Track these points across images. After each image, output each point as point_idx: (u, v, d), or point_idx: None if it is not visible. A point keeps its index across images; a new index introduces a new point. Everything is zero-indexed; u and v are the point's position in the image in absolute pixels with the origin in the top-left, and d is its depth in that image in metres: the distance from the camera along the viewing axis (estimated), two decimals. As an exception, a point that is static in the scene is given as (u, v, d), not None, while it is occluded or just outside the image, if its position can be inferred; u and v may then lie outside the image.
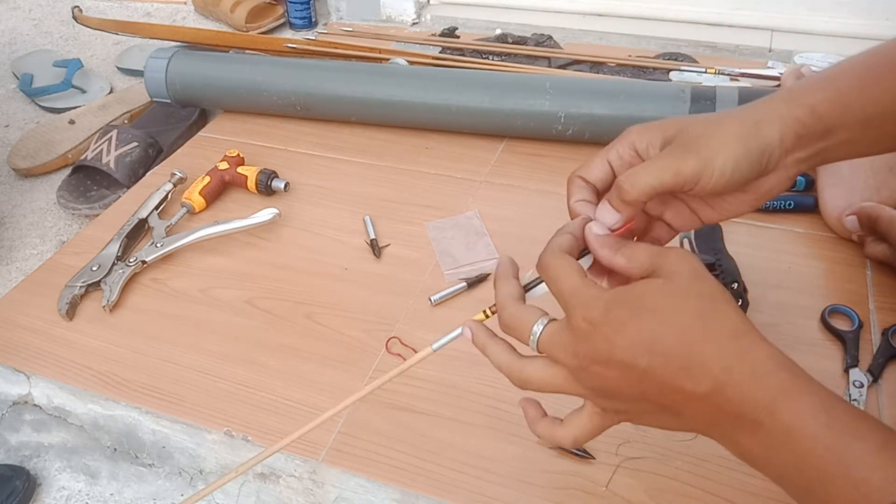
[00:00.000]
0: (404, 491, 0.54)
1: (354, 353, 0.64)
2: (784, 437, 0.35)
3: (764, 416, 0.35)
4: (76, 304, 0.71)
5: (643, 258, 0.39)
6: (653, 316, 0.37)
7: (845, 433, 0.33)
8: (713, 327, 0.36)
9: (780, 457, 0.35)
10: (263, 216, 0.77)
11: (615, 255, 0.41)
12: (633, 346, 0.37)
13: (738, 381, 0.35)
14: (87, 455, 0.66)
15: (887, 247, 0.68)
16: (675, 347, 0.36)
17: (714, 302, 0.37)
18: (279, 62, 0.97)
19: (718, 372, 0.35)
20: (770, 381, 0.35)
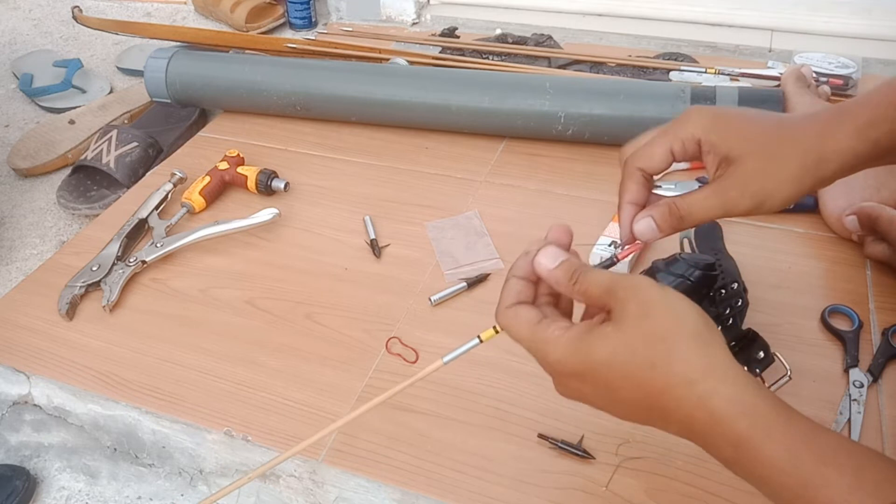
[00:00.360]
0: (404, 491, 0.54)
1: (354, 353, 0.64)
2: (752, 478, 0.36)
3: (732, 463, 0.36)
4: (76, 304, 0.71)
5: (596, 294, 0.38)
6: (604, 368, 0.37)
7: (813, 479, 0.33)
8: (667, 376, 0.35)
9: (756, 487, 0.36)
10: (263, 216, 0.77)
11: (572, 289, 0.40)
12: (596, 392, 0.38)
13: (702, 430, 0.35)
14: (87, 455, 0.66)
15: (887, 246, 0.68)
16: (635, 397, 0.36)
17: (666, 344, 0.35)
18: (279, 62, 0.97)
19: (681, 419, 0.36)
20: (731, 430, 0.34)
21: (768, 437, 0.34)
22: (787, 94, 0.84)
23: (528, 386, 0.60)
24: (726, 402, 0.34)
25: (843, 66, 1.01)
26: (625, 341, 0.36)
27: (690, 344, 0.36)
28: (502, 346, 0.63)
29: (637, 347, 0.36)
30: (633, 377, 0.36)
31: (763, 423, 0.34)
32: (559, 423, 0.57)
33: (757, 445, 0.34)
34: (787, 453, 0.34)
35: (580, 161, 0.87)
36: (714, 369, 0.35)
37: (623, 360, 0.36)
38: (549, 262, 0.40)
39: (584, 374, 0.38)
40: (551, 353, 0.38)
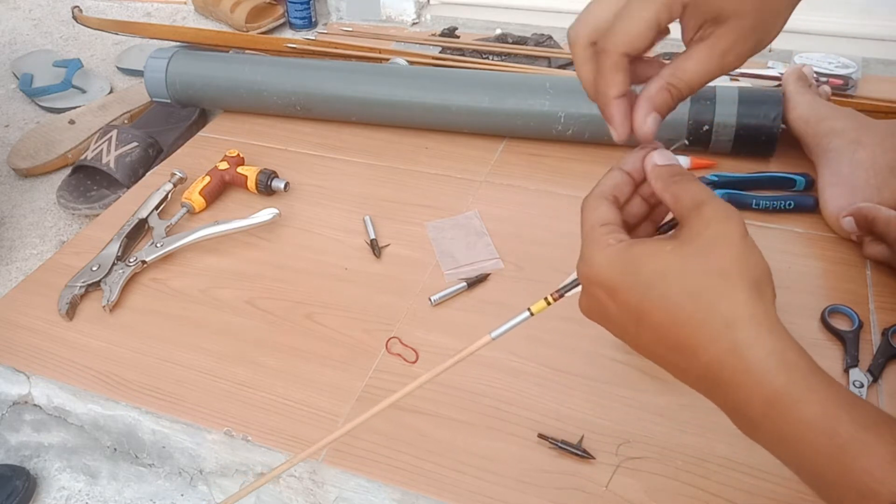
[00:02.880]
0: (404, 491, 0.54)
1: (354, 353, 0.64)
2: (781, 442, 0.33)
3: (759, 419, 0.33)
4: (76, 304, 0.71)
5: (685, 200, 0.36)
6: (641, 288, 0.34)
7: (852, 445, 0.31)
8: (709, 312, 0.33)
9: (781, 455, 0.34)
10: (263, 216, 0.77)
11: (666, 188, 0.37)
12: (623, 313, 0.35)
13: (730, 380, 0.33)
14: (86, 455, 0.66)
15: (886, 247, 0.68)
16: (664, 325, 0.34)
17: (722, 281, 0.33)
18: (279, 62, 0.97)
19: (709, 362, 0.33)
20: (767, 383, 0.32)
21: (807, 395, 0.32)
22: (788, 93, 0.84)
23: (528, 386, 0.60)
24: (766, 353, 0.32)
25: (844, 66, 1.01)
26: (680, 262, 0.34)
27: (746, 289, 0.33)
28: (502, 346, 0.63)
29: (690, 271, 0.33)
30: (673, 302, 0.33)
31: (803, 382, 0.32)
32: (559, 423, 0.57)
33: (793, 403, 0.32)
34: (825, 415, 0.31)
35: (580, 161, 0.87)
36: (759, 320, 0.33)
37: (670, 280, 0.33)
38: (661, 159, 0.38)
39: (617, 288, 0.35)
40: (595, 256, 0.36)
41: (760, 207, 0.77)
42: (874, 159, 0.74)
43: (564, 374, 0.61)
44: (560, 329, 0.65)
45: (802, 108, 0.82)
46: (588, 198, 0.39)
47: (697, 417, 0.57)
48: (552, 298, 0.41)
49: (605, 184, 0.39)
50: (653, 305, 0.34)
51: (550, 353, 0.63)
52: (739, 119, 0.82)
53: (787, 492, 0.52)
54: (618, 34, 0.37)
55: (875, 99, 0.92)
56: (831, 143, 0.78)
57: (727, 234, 0.34)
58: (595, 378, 0.60)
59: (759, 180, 0.80)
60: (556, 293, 0.41)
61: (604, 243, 0.36)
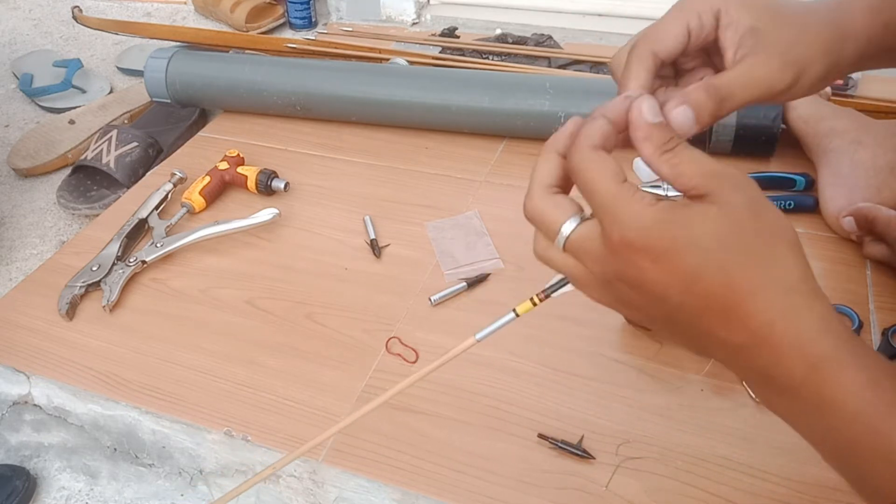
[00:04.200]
0: (404, 491, 0.54)
1: (354, 353, 0.64)
2: (819, 407, 0.32)
3: (798, 384, 0.32)
4: (76, 304, 0.71)
5: (694, 175, 0.33)
6: (698, 252, 0.32)
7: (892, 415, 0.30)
8: (766, 275, 0.32)
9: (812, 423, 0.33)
10: (263, 216, 0.77)
11: (659, 157, 0.33)
12: (669, 280, 0.32)
13: (778, 343, 0.32)
14: (86, 455, 0.66)
15: (885, 247, 0.68)
16: (718, 291, 0.32)
17: (772, 244, 0.32)
18: (279, 62, 0.97)
19: (758, 327, 0.32)
20: (814, 347, 0.31)
21: (853, 360, 0.31)
22: (788, 93, 0.84)
23: (528, 386, 0.60)
24: (818, 317, 0.32)
25: (843, 66, 1.01)
26: (732, 227, 0.32)
27: (795, 253, 0.32)
28: (502, 346, 0.63)
29: (744, 238, 0.32)
30: (730, 267, 0.31)
31: (849, 347, 0.32)
32: (559, 423, 0.57)
33: (838, 367, 0.31)
34: (869, 380, 0.31)
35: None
36: (810, 284, 0.32)
37: (725, 247, 0.31)
38: (651, 115, 0.34)
39: (664, 252, 0.32)
40: (634, 218, 0.32)
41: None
42: (874, 159, 0.74)
43: (564, 374, 0.61)
44: (560, 329, 0.65)
45: (802, 108, 0.82)
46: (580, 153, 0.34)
47: (697, 417, 0.57)
48: (538, 299, 0.39)
49: (593, 133, 0.34)
50: (710, 269, 0.32)
51: (550, 353, 0.63)
52: (739, 119, 0.82)
53: (787, 492, 0.52)
54: (648, 34, 0.39)
55: (875, 99, 0.92)
56: (831, 143, 0.78)
57: (758, 199, 0.33)
58: (595, 378, 0.60)
59: (760, 180, 0.80)
60: (543, 293, 0.39)
61: (641, 201, 0.32)
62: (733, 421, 0.56)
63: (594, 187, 0.33)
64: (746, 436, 0.55)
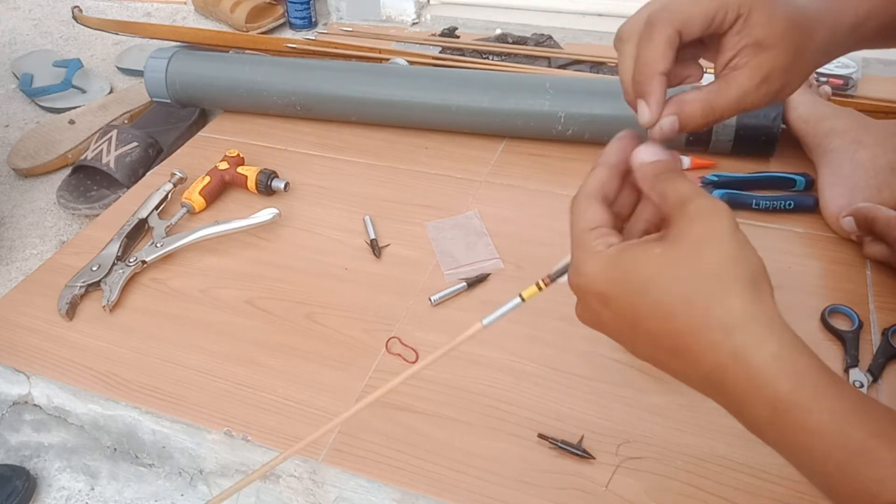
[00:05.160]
0: (404, 491, 0.54)
1: (354, 352, 0.64)
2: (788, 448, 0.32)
3: (765, 425, 0.32)
4: (76, 304, 0.71)
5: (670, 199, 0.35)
6: (635, 292, 0.33)
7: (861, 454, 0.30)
8: (704, 315, 0.32)
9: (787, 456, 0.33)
10: (263, 216, 0.77)
11: (652, 188, 0.36)
12: (618, 321, 0.34)
13: (734, 384, 0.32)
14: (87, 455, 0.66)
15: (885, 247, 0.68)
16: (661, 332, 0.33)
17: (715, 282, 0.32)
18: (279, 62, 0.97)
19: (710, 369, 0.32)
20: (771, 390, 0.31)
21: (815, 402, 0.30)
22: (788, 93, 0.84)
23: (528, 386, 0.60)
24: (770, 357, 0.31)
25: (843, 66, 1.01)
26: (670, 266, 0.32)
27: (741, 289, 0.32)
28: (502, 346, 0.63)
29: (681, 276, 0.32)
30: (666, 309, 0.32)
31: (810, 387, 0.31)
32: (559, 423, 0.57)
33: (801, 410, 0.31)
34: (835, 422, 0.30)
35: (580, 161, 0.87)
36: (759, 321, 0.32)
37: (661, 286, 0.32)
38: (647, 156, 0.37)
39: (609, 296, 0.34)
40: (585, 264, 0.35)
41: (760, 207, 0.77)
42: (874, 159, 0.74)
43: (564, 374, 0.61)
44: (560, 329, 0.65)
45: (802, 109, 0.82)
46: (577, 199, 0.38)
47: (697, 417, 0.57)
48: (543, 284, 0.40)
49: (591, 183, 0.38)
50: (647, 313, 0.33)
51: (550, 353, 0.63)
52: (739, 119, 0.82)
53: (787, 492, 0.52)
54: (675, 9, 0.37)
55: (875, 99, 0.92)
56: (831, 143, 0.78)
57: (715, 231, 0.33)
58: (595, 378, 0.60)
59: (759, 180, 0.80)
60: (548, 278, 0.40)
61: (592, 250, 0.35)
62: (733, 421, 0.56)
63: (572, 231, 0.37)
64: (746, 435, 0.55)
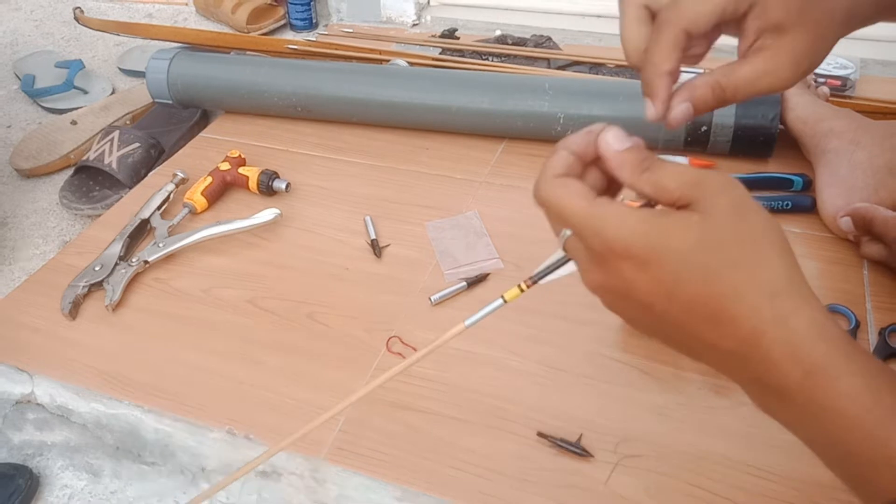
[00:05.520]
0: (405, 489, 0.54)
1: (355, 352, 0.65)
2: (816, 415, 0.31)
3: (795, 390, 0.31)
4: (79, 303, 0.71)
5: (673, 187, 0.33)
6: (678, 258, 0.32)
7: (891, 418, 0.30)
8: (750, 280, 0.31)
9: (810, 429, 0.32)
10: (265, 216, 0.77)
11: (639, 178, 0.34)
12: (652, 288, 0.32)
13: (769, 348, 0.31)
14: (89, 453, 0.66)
15: (883, 247, 0.69)
16: (701, 297, 0.32)
17: (756, 247, 0.32)
18: (280, 63, 0.97)
19: (747, 334, 0.31)
20: (807, 354, 0.31)
21: (848, 366, 0.31)
22: (786, 94, 0.85)
23: (527, 385, 0.61)
24: (808, 322, 0.31)
25: (842, 66, 1.01)
26: (714, 233, 0.31)
27: (781, 255, 0.32)
28: (503, 346, 0.64)
29: (726, 242, 0.31)
30: (713, 272, 0.31)
31: (844, 352, 0.31)
32: (558, 421, 0.57)
33: (835, 374, 0.30)
34: (866, 386, 0.30)
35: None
36: (799, 287, 0.32)
37: (704, 251, 0.31)
38: (618, 143, 0.34)
39: (648, 260, 0.32)
40: (614, 228, 0.32)
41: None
42: (872, 160, 0.74)
43: (564, 373, 0.61)
44: (560, 328, 0.65)
45: (801, 109, 0.83)
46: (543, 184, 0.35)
47: (696, 416, 0.57)
48: (525, 286, 0.39)
49: (555, 166, 0.35)
50: (690, 277, 0.32)
51: (550, 353, 0.63)
52: (738, 120, 0.82)
53: (787, 490, 0.52)
54: (684, 8, 0.37)
55: (873, 100, 0.93)
56: (829, 143, 0.78)
57: (742, 201, 0.32)
58: (594, 377, 0.61)
59: (757, 181, 0.80)
60: (530, 280, 0.39)
61: (620, 211, 0.33)
62: (732, 419, 0.57)
63: (567, 210, 0.34)
64: (745, 434, 0.56)
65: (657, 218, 0.32)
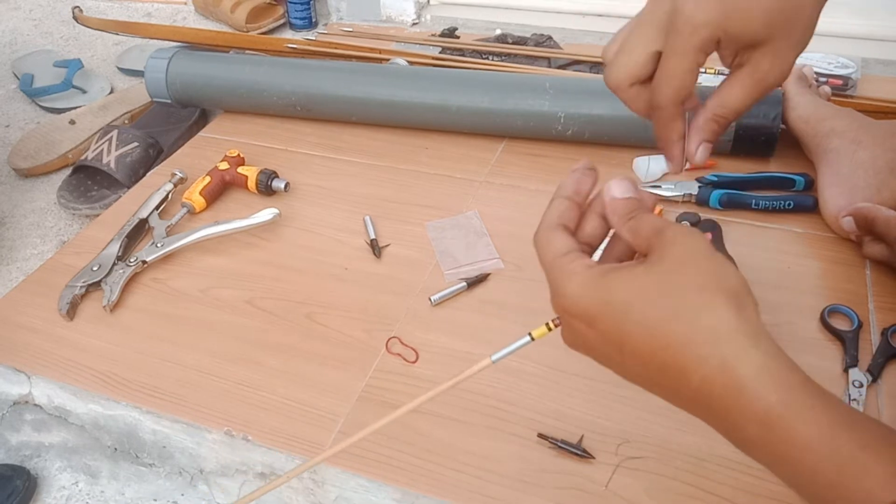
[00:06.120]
0: (405, 491, 0.54)
1: (355, 352, 0.65)
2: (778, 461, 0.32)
3: (754, 440, 0.32)
4: (77, 304, 0.71)
5: (644, 234, 0.35)
6: (620, 311, 0.33)
7: (851, 466, 0.30)
8: (692, 329, 0.32)
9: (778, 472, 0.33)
10: (264, 216, 0.77)
11: (623, 224, 0.37)
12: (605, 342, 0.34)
13: (723, 396, 0.31)
14: (87, 455, 0.66)
15: (885, 247, 0.68)
16: (648, 349, 0.32)
17: (700, 296, 0.32)
18: (279, 62, 0.97)
19: (698, 383, 0.32)
20: (760, 402, 0.31)
21: (803, 414, 0.30)
22: (788, 94, 0.84)
23: (528, 386, 0.60)
24: (756, 369, 0.31)
25: (843, 66, 1.01)
26: (654, 283, 0.33)
27: (726, 301, 0.32)
28: (502, 346, 0.63)
29: (666, 292, 0.32)
30: (653, 325, 0.32)
31: (798, 399, 0.30)
32: (559, 422, 0.57)
33: (789, 423, 0.30)
34: (824, 435, 0.30)
35: (580, 161, 0.87)
36: (744, 333, 0.31)
37: (646, 303, 0.32)
38: (619, 191, 0.38)
39: (595, 316, 0.34)
40: (566, 286, 0.35)
41: (760, 207, 0.77)
42: (874, 159, 0.74)
43: (564, 373, 0.61)
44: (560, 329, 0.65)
45: (802, 109, 0.82)
46: (539, 231, 0.39)
47: (696, 417, 0.57)
48: (553, 325, 0.41)
49: (550, 215, 0.39)
50: (633, 330, 0.33)
51: (550, 353, 0.63)
52: (739, 119, 0.82)
53: (787, 491, 0.51)
54: (665, 90, 0.40)
55: (874, 99, 0.92)
56: (831, 143, 0.78)
57: (694, 251, 0.33)
58: (595, 378, 0.60)
59: (759, 180, 0.80)
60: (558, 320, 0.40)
61: (570, 271, 0.35)
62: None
63: (542, 262, 0.37)
64: (746, 435, 0.55)
65: (604, 274, 0.34)
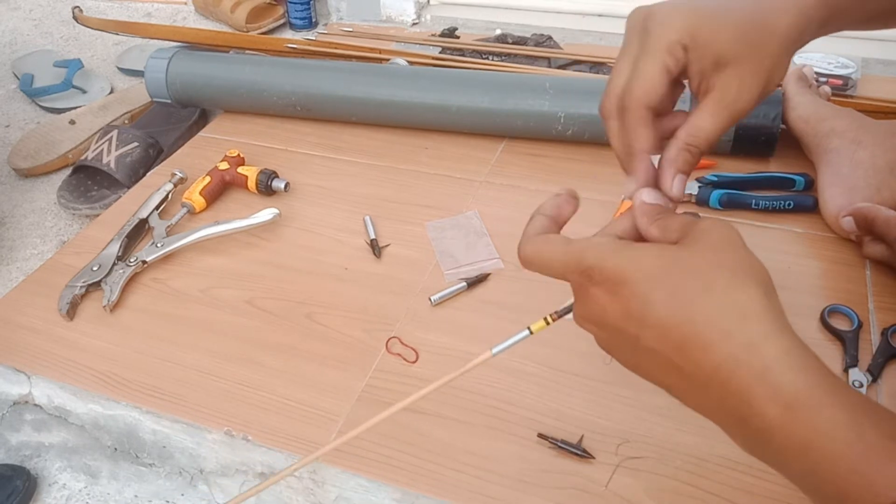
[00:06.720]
0: (404, 490, 0.54)
1: (354, 352, 0.65)
2: (798, 450, 0.31)
3: (775, 426, 0.30)
4: (77, 304, 0.71)
5: (675, 227, 0.35)
6: (648, 279, 0.32)
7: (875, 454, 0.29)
8: (722, 305, 0.31)
9: (792, 465, 0.32)
10: (264, 216, 0.77)
11: (651, 224, 0.36)
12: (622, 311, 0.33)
13: (745, 377, 0.30)
14: (87, 455, 0.66)
15: (885, 247, 0.68)
16: (671, 321, 0.31)
17: (733, 275, 0.32)
18: (279, 62, 0.97)
19: (722, 360, 0.31)
20: (785, 385, 0.30)
21: (829, 398, 0.30)
22: (788, 94, 0.84)
23: (528, 386, 0.60)
24: (783, 351, 0.30)
25: (843, 66, 1.01)
26: (687, 258, 0.32)
27: (756, 286, 0.32)
28: (502, 346, 0.63)
29: (699, 268, 0.32)
30: (681, 296, 0.31)
31: (823, 384, 0.30)
32: (559, 422, 0.57)
33: (815, 407, 0.29)
34: (848, 420, 0.29)
35: (580, 161, 0.88)
36: (775, 315, 0.31)
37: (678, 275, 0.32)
38: (650, 198, 0.38)
39: (623, 281, 0.33)
40: (590, 255, 0.34)
41: (760, 207, 0.77)
42: (874, 159, 0.74)
43: (564, 374, 0.61)
44: (560, 329, 0.64)
45: (802, 109, 0.82)
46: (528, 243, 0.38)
47: (697, 417, 0.57)
48: (551, 319, 0.41)
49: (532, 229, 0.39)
50: (660, 299, 0.32)
51: (550, 353, 0.63)
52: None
53: (787, 491, 0.52)
54: (634, 90, 0.39)
55: (875, 99, 0.92)
56: (831, 143, 0.78)
57: (731, 238, 0.33)
58: (595, 378, 0.60)
59: (759, 180, 0.80)
60: (556, 314, 0.41)
61: (593, 243, 0.35)
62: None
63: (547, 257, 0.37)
64: (746, 435, 0.55)
65: (631, 245, 0.34)
